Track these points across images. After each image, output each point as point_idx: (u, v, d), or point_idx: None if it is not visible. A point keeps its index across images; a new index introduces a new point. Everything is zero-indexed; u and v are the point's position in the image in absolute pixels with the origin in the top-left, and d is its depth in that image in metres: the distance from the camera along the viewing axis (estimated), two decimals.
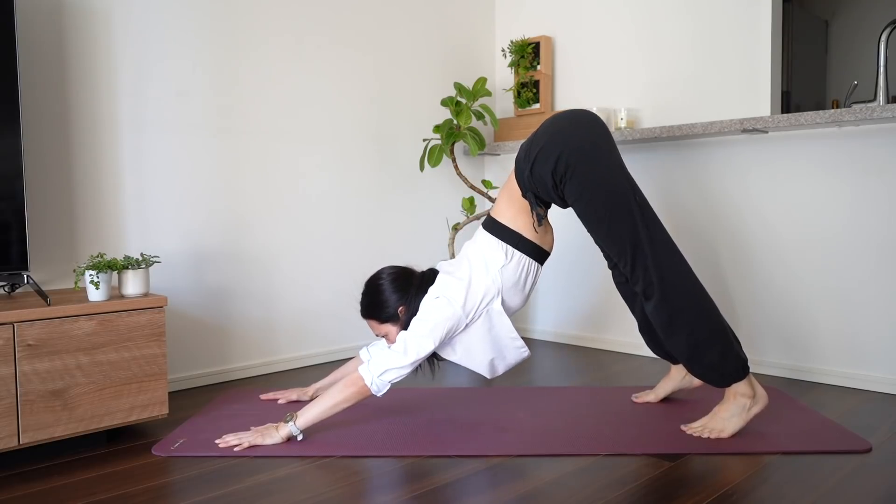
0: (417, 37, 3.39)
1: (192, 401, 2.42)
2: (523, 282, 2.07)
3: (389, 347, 1.97)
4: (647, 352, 3.10)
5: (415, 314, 2.01)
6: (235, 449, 1.89)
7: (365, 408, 2.26)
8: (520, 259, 2.04)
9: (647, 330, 2.22)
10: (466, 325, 2.01)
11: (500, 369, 2.11)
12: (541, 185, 1.99)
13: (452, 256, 3.15)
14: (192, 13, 2.60)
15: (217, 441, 1.94)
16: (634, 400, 2.33)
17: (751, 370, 1.96)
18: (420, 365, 2.00)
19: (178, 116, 2.58)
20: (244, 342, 2.79)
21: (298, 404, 2.30)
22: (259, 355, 2.84)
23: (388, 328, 2.09)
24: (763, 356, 2.77)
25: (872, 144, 2.49)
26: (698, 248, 2.95)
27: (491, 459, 1.83)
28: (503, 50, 3.59)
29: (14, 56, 1.96)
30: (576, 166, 1.92)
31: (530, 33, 3.58)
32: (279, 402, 2.35)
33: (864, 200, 2.52)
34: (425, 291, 2.04)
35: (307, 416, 1.92)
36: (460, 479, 1.71)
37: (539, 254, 2.09)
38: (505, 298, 2.04)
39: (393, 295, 2.06)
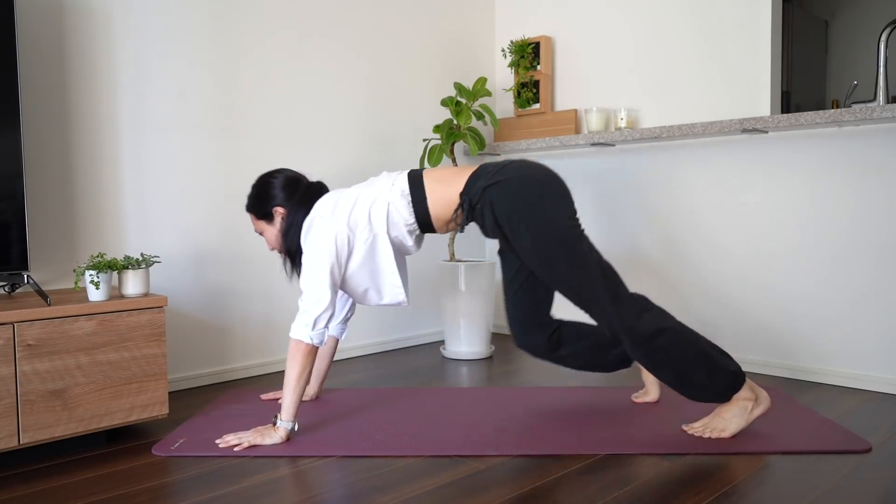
0: (417, 37, 3.39)
1: (192, 401, 2.42)
2: (403, 234, 2.02)
3: (300, 299, 1.95)
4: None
5: (293, 226, 2.04)
6: (235, 449, 1.89)
7: (365, 407, 2.27)
8: (409, 216, 2.00)
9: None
10: (351, 252, 1.99)
11: (373, 302, 2.10)
12: (480, 205, 1.94)
13: (452, 256, 3.15)
14: (191, 13, 2.60)
15: (217, 441, 1.94)
16: (634, 400, 2.33)
17: (750, 372, 1.95)
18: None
19: (178, 116, 2.58)
20: (244, 342, 2.79)
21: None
22: (259, 355, 2.84)
23: (264, 226, 2.13)
24: (763, 356, 2.77)
25: (872, 144, 2.50)
26: (698, 248, 2.95)
27: (491, 459, 1.83)
28: (503, 50, 3.59)
29: (14, 56, 1.95)
30: (530, 230, 1.88)
31: (530, 33, 3.58)
32: (280, 401, 2.35)
33: (864, 200, 2.52)
34: (309, 205, 2.05)
35: (285, 405, 1.94)
36: (460, 479, 1.71)
37: (426, 226, 2.04)
38: (390, 235, 2.01)
39: (280, 193, 2.09)
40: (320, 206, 2.03)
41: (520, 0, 3.64)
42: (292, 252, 2.10)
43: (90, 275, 1.94)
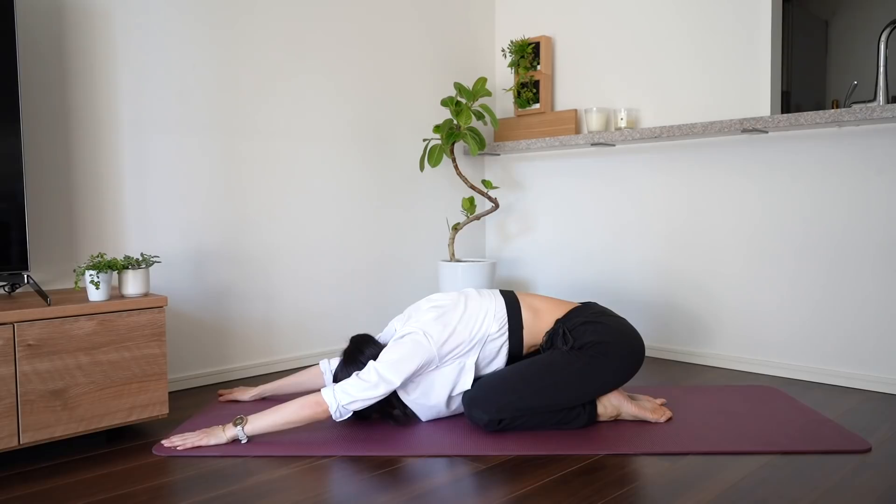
0: (417, 37, 3.39)
1: (192, 401, 2.42)
2: (487, 362, 2.10)
3: (358, 376, 1.94)
4: (645, 353, 3.10)
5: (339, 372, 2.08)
6: (179, 448, 1.88)
7: None
8: (502, 344, 2.10)
9: None
10: (437, 367, 2.03)
11: (442, 415, 2.14)
12: (572, 334, 2.08)
13: (452, 256, 3.15)
14: (191, 13, 2.60)
15: (164, 441, 1.93)
16: None
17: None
18: (392, 407, 2.04)
19: (179, 116, 2.58)
20: (244, 342, 2.79)
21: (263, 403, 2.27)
22: (259, 355, 2.84)
23: None
24: (763, 356, 2.77)
25: (872, 144, 2.50)
26: (698, 248, 2.95)
27: (491, 459, 1.83)
28: (503, 50, 3.59)
29: (14, 56, 1.95)
30: (575, 360, 2.04)
31: (530, 33, 3.58)
32: (236, 402, 2.34)
33: (864, 200, 2.52)
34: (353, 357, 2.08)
35: (257, 424, 1.91)
36: (460, 479, 1.71)
37: (516, 353, 2.13)
38: (478, 362, 2.08)
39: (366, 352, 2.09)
40: (430, 326, 2.03)
41: (520, 0, 3.64)
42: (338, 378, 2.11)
43: (90, 275, 1.94)
